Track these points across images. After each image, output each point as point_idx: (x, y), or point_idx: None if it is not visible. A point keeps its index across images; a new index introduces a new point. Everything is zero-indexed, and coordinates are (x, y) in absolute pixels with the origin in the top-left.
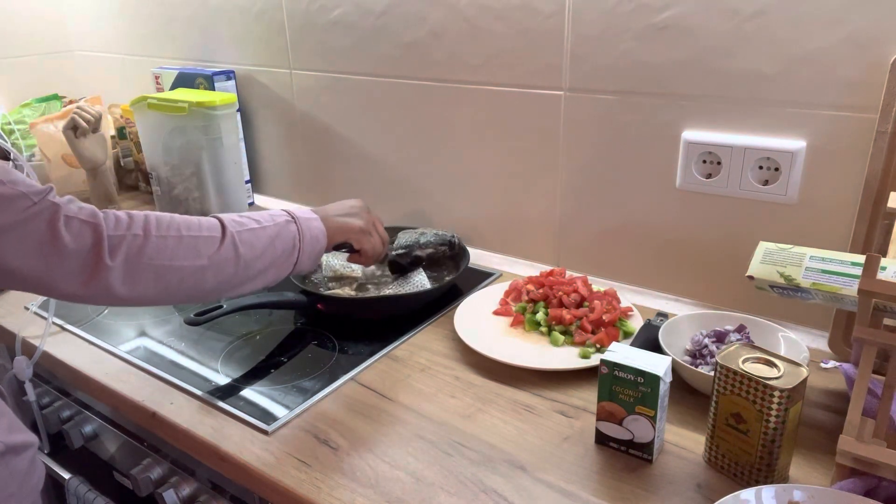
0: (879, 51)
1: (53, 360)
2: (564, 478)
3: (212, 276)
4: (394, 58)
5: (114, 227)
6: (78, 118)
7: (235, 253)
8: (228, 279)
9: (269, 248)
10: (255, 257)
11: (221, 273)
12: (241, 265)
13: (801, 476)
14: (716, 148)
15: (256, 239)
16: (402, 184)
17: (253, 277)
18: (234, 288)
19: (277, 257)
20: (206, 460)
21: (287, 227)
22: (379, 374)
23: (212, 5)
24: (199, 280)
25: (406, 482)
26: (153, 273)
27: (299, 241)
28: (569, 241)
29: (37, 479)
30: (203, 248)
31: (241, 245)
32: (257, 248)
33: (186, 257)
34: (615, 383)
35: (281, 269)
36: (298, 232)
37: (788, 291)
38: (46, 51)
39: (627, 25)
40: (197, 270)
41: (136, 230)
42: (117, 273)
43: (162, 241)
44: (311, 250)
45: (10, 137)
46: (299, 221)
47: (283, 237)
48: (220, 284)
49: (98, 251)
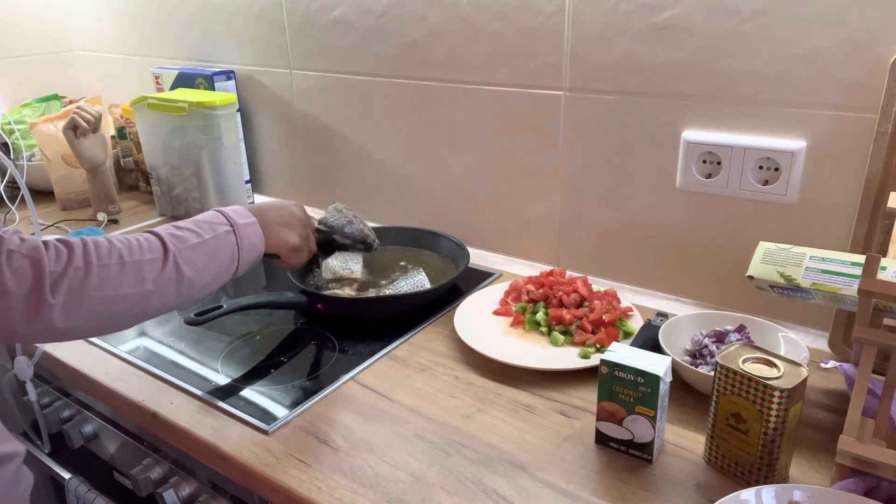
0: (879, 51)
1: (53, 360)
2: (564, 478)
3: (156, 300)
4: (394, 58)
5: (55, 261)
6: (78, 118)
7: (178, 273)
8: (172, 301)
9: (210, 263)
10: (197, 274)
11: (165, 296)
12: (184, 285)
13: (801, 476)
14: (716, 148)
15: (198, 255)
16: (401, 184)
17: (194, 295)
18: (175, 307)
19: (218, 270)
20: (206, 460)
21: (227, 238)
22: (379, 374)
23: (212, 5)
24: (144, 306)
25: (406, 482)
26: (97, 305)
27: (238, 250)
28: (569, 241)
29: (23, 488)
30: (147, 272)
31: (184, 264)
32: (198, 265)
33: (131, 285)
34: (615, 383)
35: (220, 280)
36: (237, 242)
37: (788, 291)
38: (46, 51)
39: (627, 25)
40: (142, 297)
41: (77, 262)
42: (59, 310)
43: (104, 271)
44: (249, 258)
45: (10, 137)
46: (238, 229)
47: (223, 249)
48: (163, 307)
49: (39, 288)
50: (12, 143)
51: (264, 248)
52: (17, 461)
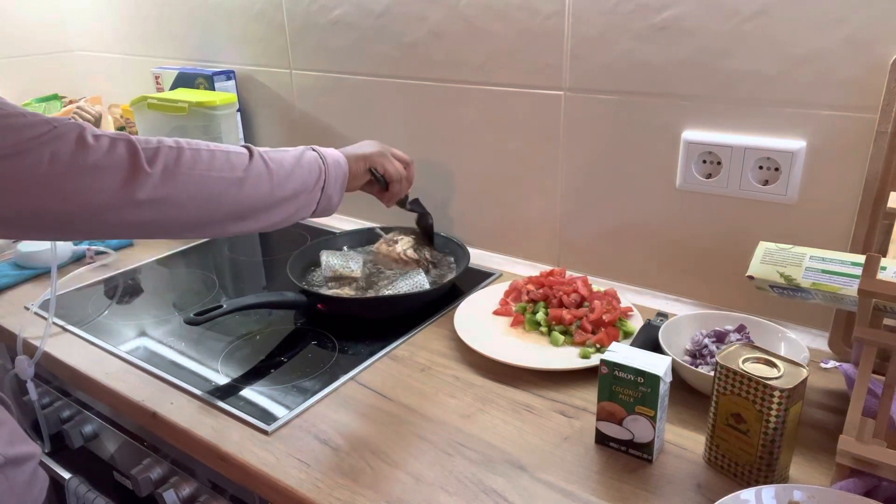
0: (879, 51)
1: (54, 360)
2: (564, 478)
3: (249, 189)
4: (394, 58)
5: (145, 142)
6: (78, 118)
7: (267, 168)
8: (265, 196)
9: (296, 168)
10: (285, 175)
11: (258, 188)
12: (274, 182)
13: (801, 476)
14: (716, 148)
15: (283, 158)
16: None
17: (287, 198)
18: (270, 207)
19: (306, 178)
20: (206, 460)
21: (307, 151)
22: (379, 374)
23: (212, 5)
24: (238, 193)
25: (406, 482)
26: (193, 181)
27: (323, 163)
28: (569, 241)
29: (38, 491)
30: (236, 161)
31: (271, 162)
32: (286, 166)
33: (223, 169)
34: (615, 383)
35: (311, 193)
36: (320, 156)
37: (788, 291)
38: (46, 51)
39: (627, 25)
40: (234, 182)
41: (169, 143)
42: (157, 179)
43: (195, 154)
44: (336, 174)
45: None
46: (318, 148)
47: (307, 158)
48: (257, 200)
49: (135, 161)
50: None
51: (348, 167)
52: (33, 463)
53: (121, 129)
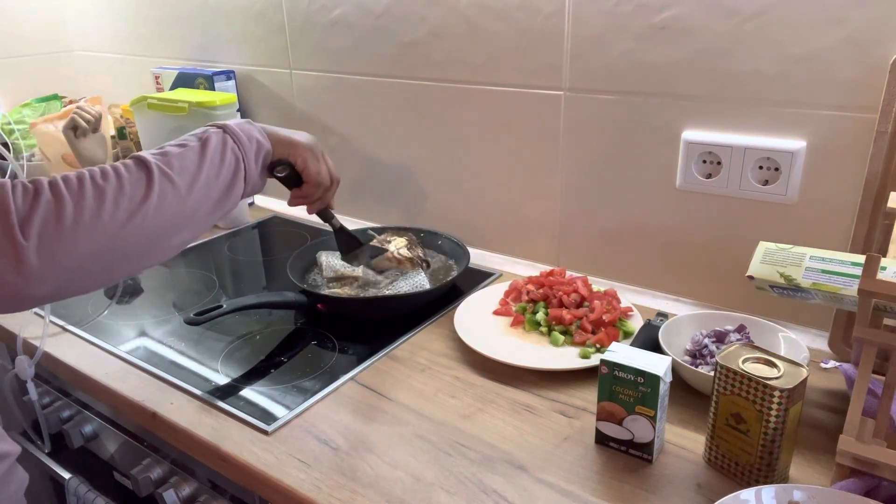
0: (879, 51)
1: (54, 360)
2: (564, 478)
3: (154, 219)
4: (394, 58)
5: (21, 198)
6: (78, 118)
7: (171, 184)
8: (175, 216)
9: (206, 164)
10: (194, 180)
11: (164, 212)
12: (183, 193)
13: (801, 476)
14: (716, 148)
15: (187, 161)
16: (402, 184)
17: (203, 202)
18: (185, 223)
19: (221, 172)
20: (206, 460)
21: (217, 136)
22: (379, 374)
23: (212, 5)
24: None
25: (406, 482)
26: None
27: (237, 144)
28: (569, 241)
29: (15, 488)
30: (131, 193)
31: (175, 173)
32: (192, 169)
33: (115, 210)
34: (615, 383)
35: (232, 185)
36: (233, 138)
37: (788, 291)
38: (46, 51)
39: (627, 25)
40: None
41: (46, 196)
42: (35, 249)
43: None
44: (256, 154)
45: (10, 137)
46: (229, 127)
47: (217, 147)
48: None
49: (7, 229)
50: (12, 143)
51: (270, 146)
52: (9, 461)
53: (121, 129)
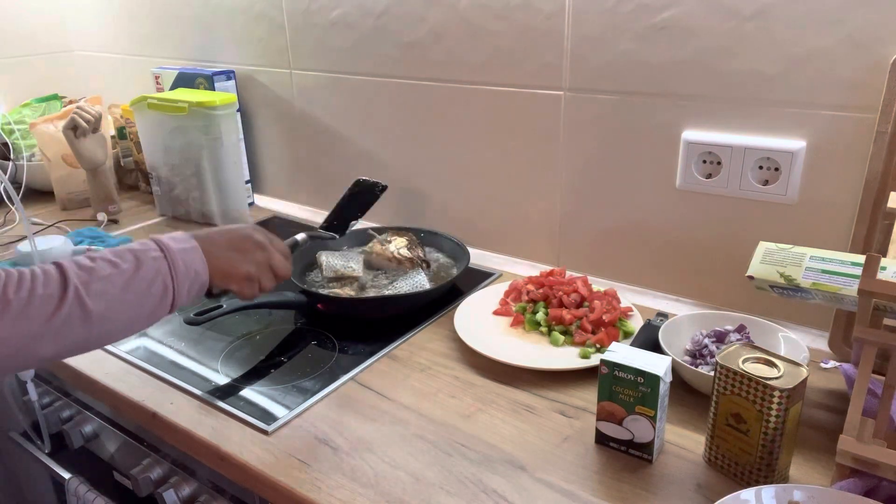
0: (879, 51)
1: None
2: (564, 478)
3: (50, 343)
4: (394, 58)
5: None
6: (78, 118)
7: (82, 310)
8: (77, 341)
9: (129, 295)
10: (111, 308)
11: (64, 337)
12: (93, 322)
13: (801, 476)
14: (716, 148)
15: (111, 286)
16: (402, 184)
17: (115, 331)
18: (87, 347)
19: (143, 303)
20: (206, 460)
21: (155, 264)
22: (379, 374)
23: (212, 5)
24: (32, 352)
25: (406, 482)
26: None
27: (172, 278)
28: (569, 241)
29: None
30: (35, 311)
31: (90, 299)
32: (112, 296)
33: (11, 325)
34: (615, 383)
35: (152, 316)
36: (170, 268)
37: (788, 291)
38: (46, 51)
39: (627, 25)
40: (29, 340)
41: None
42: None
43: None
44: (190, 288)
45: (10, 137)
46: (171, 254)
47: (148, 277)
48: (63, 349)
49: None
50: (12, 143)
51: (208, 276)
52: None
53: (121, 129)
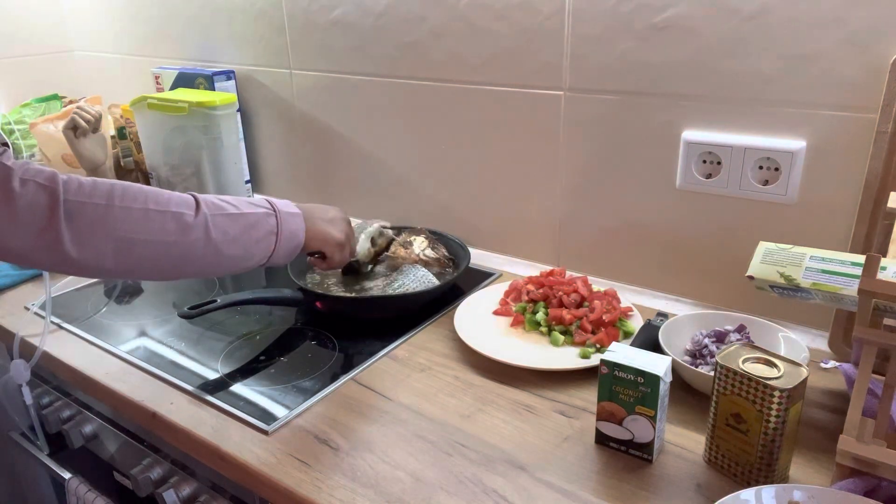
0: (879, 51)
1: (53, 359)
2: (564, 478)
3: (177, 255)
4: (394, 58)
5: (75, 192)
6: (78, 118)
7: (206, 235)
8: (194, 261)
9: (243, 236)
10: (226, 243)
11: (188, 254)
12: (210, 249)
13: (801, 476)
14: (716, 148)
15: (232, 224)
16: (402, 184)
17: (221, 263)
18: (199, 271)
19: (251, 247)
20: (206, 460)
21: (266, 218)
22: (379, 374)
23: (212, 5)
24: (161, 258)
25: (406, 482)
26: (112, 243)
27: (277, 235)
28: (569, 241)
29: None
30: (171, 225)
31: (214, 229)
32: (230, 234)
33: (151, 232)
34: (615, 383)
35: (253, 259)
36: (278, 225)
37: (788, 291)
38: (46, 51)
39: (627, 25)
40: (161, 247)
41: (98, 198)
42: (72, 238)
43: (125, 213)
44: (288, 246)
45: (10, 137)
46: (280, 215)
47: (261, 227)
48: (183, 265)
49: (53, 214)
50: (12, 143)
51: (304, 238)
52: None
53: (121, 129)
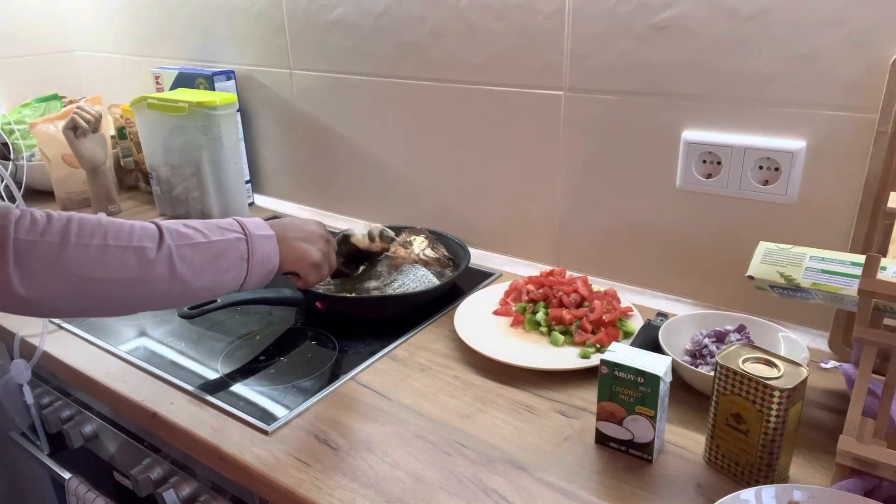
0: (879, 51)
1: (53, 360)
2: (564, 478)
3: (140, 291)
4: (394, 58)
5: (27, 230)
6: (78, 118)
7: (171, 269)
8: (160, 296)
9: (211, 266)
10: (193, 275)
11: (152, 289)
12: (176, 282)
13: (801, 476)
14: (716, 148)
15: (198, 255)
16: (401, 184)
17: (189, 295)
18: (166, 304)
19: (220, 276)
20: (206, 460)
21: (236, 244)
22: (379, 374)
23: (212, 5)
24: (124, 296)
25: (406, 482)
26: (68, 284)
27: (248, 261)
28: (569, 241)
29: None
30: (132, 261)
31: (179, 261)
32: (197, 265)
33: (110, 269)
34: (615, 383)
35: (224, 288)
36: (249, 251)
37: (788, 291)
38: (46, 51)
39: (627, 25)
40: (121, 285)
41: (52, 237)
42: (21, 280)
43: (82, 251)
44: (261, 272)
45: (10, 137)
46: (251, 238)
47: (230, 255)
48: (148, 301)
49: (1, 254)
50: (12, 143)
51: (279, 262)
52: None
53: (121, 129)
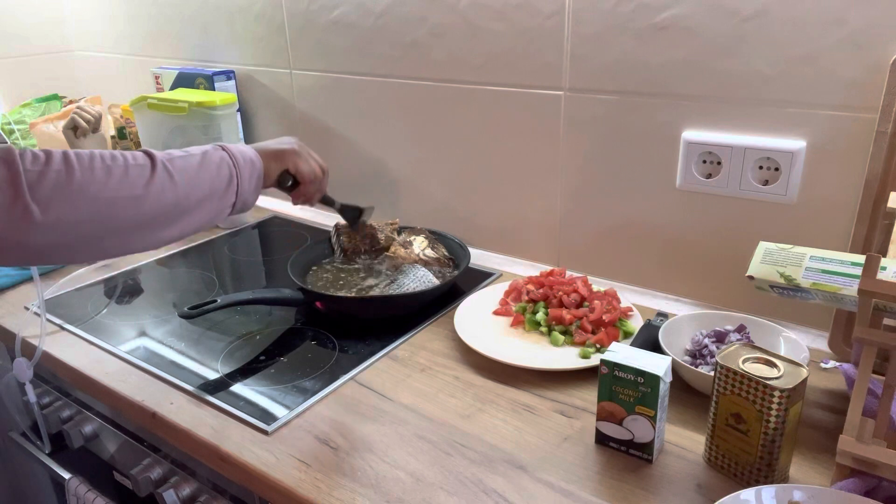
0: (879, 51)
1: (53, 360)
2: (564, 478)
3: (150, 205)
4: (394, 58)
5: (31, 162)
6: (78, 118)
7: (169, 177)
8: (168, 209)
9: (202, 171)
10: (191, 183)
11: (160, 202)
12: (179, 192)
13: (801, 476)
14: (716, 148)
15: (186, 162)
16: (401, 184)
17: (195, 206)
18: (176, 219)
19: (214, 182)
20: (206, 460)
21: (216, 151)
22: (379, 374)
23: (212, 5)
24: (138, 208)
25: (406, 482)
26: (85, 204)
27: (233, 164)
28: (569, 241)
29: None
30: (135, 176)
31: (175, 171)
32: (191, 172)
33: (117, 188)
34: (615, 383)
35: (223, 198)
36: (230, 155)
37: (788, 291)
38: (46, 51)
39: (627, 25)
40: (132, 203)
41: (57, 165)
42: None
43: (88, 174)
44: (250, 175)
45: (10, 137)
46: (228, 147)
47: (213, 158)
48: (160, 214)
49: (15, 186)
50: (12, 143)
51: (262, 164)
52: None
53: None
